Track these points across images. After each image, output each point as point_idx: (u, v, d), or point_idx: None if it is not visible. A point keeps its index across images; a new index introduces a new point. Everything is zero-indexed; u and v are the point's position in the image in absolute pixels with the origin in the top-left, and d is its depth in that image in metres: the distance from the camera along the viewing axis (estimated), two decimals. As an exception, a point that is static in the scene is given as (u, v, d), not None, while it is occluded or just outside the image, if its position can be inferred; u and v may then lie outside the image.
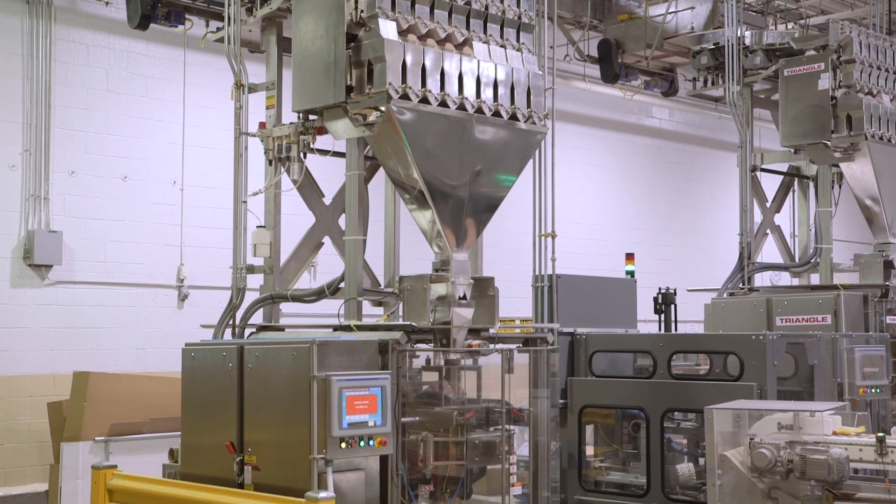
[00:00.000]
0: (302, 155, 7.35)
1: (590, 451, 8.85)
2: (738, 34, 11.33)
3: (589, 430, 8.84)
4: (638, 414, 8.48)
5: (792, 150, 11.38)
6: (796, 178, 12.07)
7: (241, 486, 6.35)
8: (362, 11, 6.51)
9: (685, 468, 8.33)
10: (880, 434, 6.38)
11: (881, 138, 10.58)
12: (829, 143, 10.50)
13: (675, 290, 11.57)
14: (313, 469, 5.87)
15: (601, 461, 8.82)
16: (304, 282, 8.06)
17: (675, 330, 11.34)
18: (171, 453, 8.09)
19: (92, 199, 12.64)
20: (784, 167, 12.04)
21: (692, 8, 12.97)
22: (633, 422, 8.66)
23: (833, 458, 6.20)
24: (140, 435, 10.81)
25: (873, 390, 8.73)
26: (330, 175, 7.88)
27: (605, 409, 8.74)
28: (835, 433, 6.40)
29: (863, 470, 6.82)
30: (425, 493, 6.68)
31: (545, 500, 6.99)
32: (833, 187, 11.57)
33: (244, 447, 6.43)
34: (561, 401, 8.27)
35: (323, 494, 5.55)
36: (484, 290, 6.91)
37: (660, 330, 11.21)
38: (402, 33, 6.58)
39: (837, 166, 11.13)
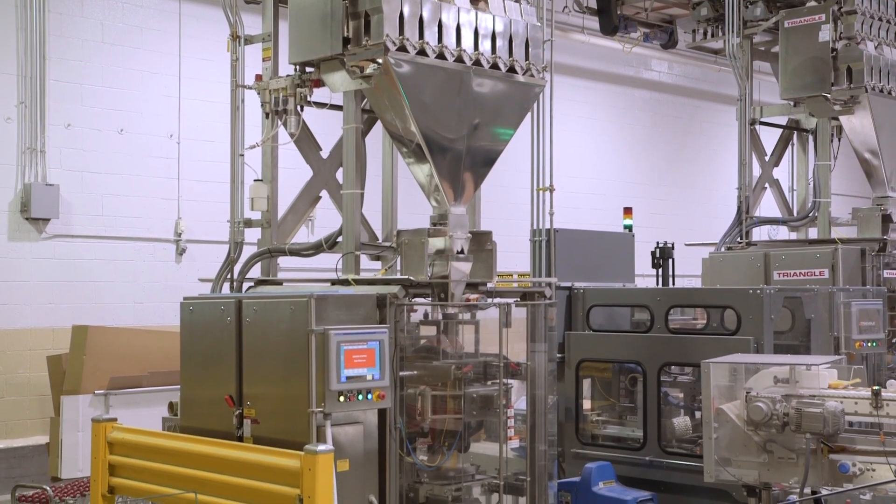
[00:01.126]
0: (299, 108, 7.31)
1: (587, 404, 8.90)
2: (739, -16, 11.23)
3: (586, 384, 8.88)
4: (635, 368, 8.52)
5: (791, 103, 11.32)
6: (795, 132, 12.01)
7: (240, 439, 6.39)
8: (359, -38, 6.43)
9: (681, 422, 8.38)
10: (875, 387, 6.42)
11: (881, 91, 10.52)
12: (828, 95, 10.43)
13: (672, 245, 11.58)
14: (312, 422, 5.90)
15: (598, 415, 8.87)
16: (302, 236, 8.05)
17: (673, 284, 11.36)
18: (171, 406, 8.13)
19: (88, 153, 12.58)
20: (783, 120, 11.98)
21: (692, -41, 12.81)
22: (630, 376, 8.70)
23: (828, 411, 6.23)
24: (139, 388, 10.87)
25: (869, 344, 8.76)
26: (327, 128, 7.84)
27: (603, 363, 8.78)
28: (830, 386, 6.43)
29: (858, 423, 6.86)
30: (423, 447, 6.72)
31: (542, 453, 7.03)
32: (832, 141, 11.53)
33: (243, 401, 6.46)
34: (558, 355, 8.30)
35: (321, 447, 5.58)
36: (482, 244, 6.90)
37: (657, 284, 11.23)
38: (400, -16, 6.50)
39: (837, 119, 11.07)
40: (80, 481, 8.49)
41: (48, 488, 8.14)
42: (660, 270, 11.34)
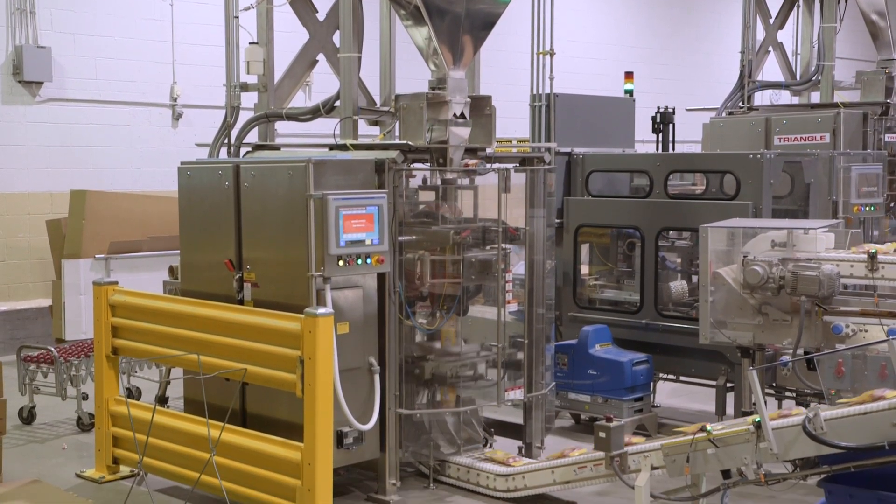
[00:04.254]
0: (294, -32, 7.13)
1: (585, 269, 8.97)
2: None
3: (584, 249, 8.93)
4: (633, 233, 8.55)
5: (798, -37, 11.06)
6: (801, -7, 11.77)
7: (240, 302, 6.46)
8: None
9: (678, 286, 8.46)
10: (872, 250, 6.46)
11: (892, -50, 10.27)
12: (837, -46, 10.19)
13: (673, 110, 11.49)
14: (312, 286, 5.96)
15: (596, 279, 8.95)
16: (299, 100, 7.96)
17: (673, 150, 11.31)
18: (171, 271, 8.20)
19: (80, 14, 12.32)
20: (789, -19, 11.72)
21: None
22: (628, 241, 8.74)
23: (824, 274, 6.29)
24: (139, 253, 10.94)
25: (867, 208, 8.78)
26: (323, -11, 7.66)
27: (601, 228, 8.80)
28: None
29: (853, 285, 6.94)
30: (422, 311, 6.81)
31: (540, 316, 7.12)
32: (839, 2, 11.29)
33: (243, 265, 6.51)
34: (557, 220, 8.32)
35: (322, 311, 5.64)
36: (481, 109, 6.83)
37: (657, 149, 11.18)
38: None
39: (845, -21, 10.84)
40: (83, 343, 8.62)
41: (52, 349, 8.27)
42: (660, 136, 11.28)
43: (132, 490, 6.34)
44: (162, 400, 8.19)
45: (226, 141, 7.68)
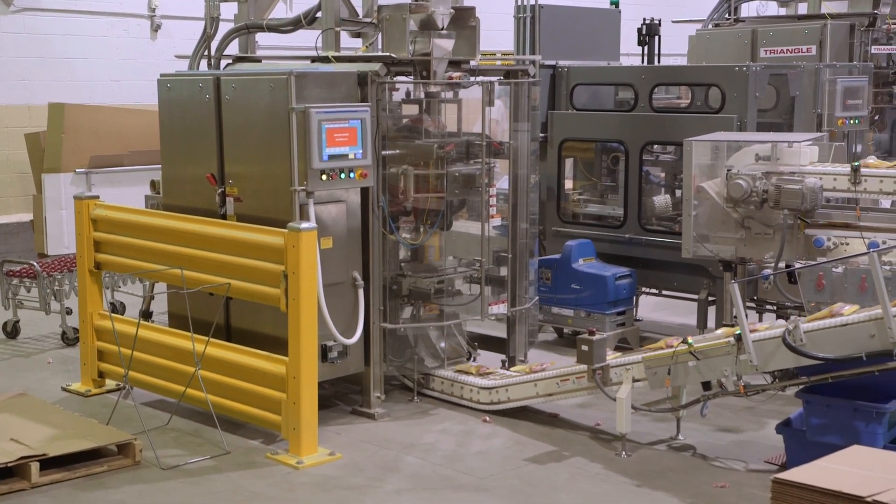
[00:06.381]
0: None
1: (569, 184, 8.95)
2: None
3: (568, 163, 8.90)
4: (617, 147, 8.52)
5: None
6: None
7: (223, 217, 6.43)
8: None
9: (662, 200, 8.46)
10: (855, 163, 6.47)
11: None
12: None
13: (659, 22, 11.33)
14: (295, 200, 5.94)
15: (579, 194, 8.94)
16: (280, 11, 7.82)
17: (658, 62, 11.20)
18: (153, 185, 8.16)
19: (52, -80, 12.02)
20: None
21: None
22: (613, 155, 8.71)
23: (807, 187, 6.30)
24: (121, 167, 10.85)
25: (852, 121, 8.75)
26: None
27: (585, 142, 8.76)
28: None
29: (836, 199, 6.97)
30: (406, 226, 6.80)
31: (524, 231, 7.13)
32: None
33: (225, 179, 6.46)
34: (541, 134, 8.27)
35: (305, 225, 5.64)
36: (465, 20, 6.73)
37: (642, 62, 11.07)
38: None
39: None
40: (66, 257, 8.59)
41: (35, 264, 8.24)
42: (645, 48, 11.15)
43: (118, 403, 6.40)
44: (146, 314, 8.21)
45: (206, 53, 7.56)
